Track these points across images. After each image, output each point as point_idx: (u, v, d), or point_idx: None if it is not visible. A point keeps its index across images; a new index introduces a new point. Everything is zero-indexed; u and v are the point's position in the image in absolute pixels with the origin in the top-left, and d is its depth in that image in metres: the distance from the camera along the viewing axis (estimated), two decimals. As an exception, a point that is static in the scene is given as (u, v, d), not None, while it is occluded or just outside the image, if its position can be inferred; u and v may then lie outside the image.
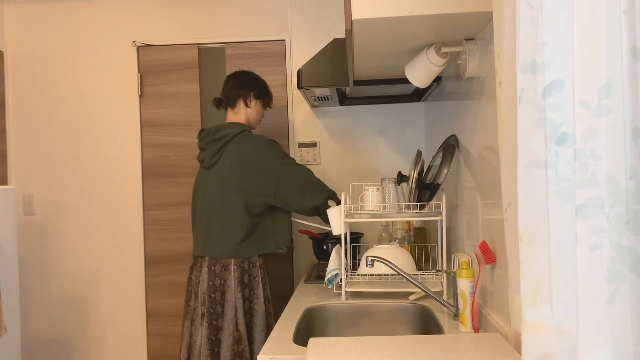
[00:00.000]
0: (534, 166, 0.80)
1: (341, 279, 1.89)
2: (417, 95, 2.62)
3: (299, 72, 2.16)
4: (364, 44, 1.63)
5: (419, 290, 1.74)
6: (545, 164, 0.79)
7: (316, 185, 2.18)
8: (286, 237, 2.24)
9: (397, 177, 2.13)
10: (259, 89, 2.31)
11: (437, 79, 2.18)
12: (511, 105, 0.90)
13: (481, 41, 1.54)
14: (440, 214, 1.89)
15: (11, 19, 2.99)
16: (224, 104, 2.32)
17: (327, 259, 2.35)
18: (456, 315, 1.61)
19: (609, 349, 0.76)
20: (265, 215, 2.21)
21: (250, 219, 2.15)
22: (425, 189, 1.92)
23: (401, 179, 2.13)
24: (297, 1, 2.86)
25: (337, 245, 2.00)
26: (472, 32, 1.55)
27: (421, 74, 1.69)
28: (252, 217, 2.16)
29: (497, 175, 1.42)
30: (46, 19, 2.98)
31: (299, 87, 2.18)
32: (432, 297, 1.66)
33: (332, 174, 2.88)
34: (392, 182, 2.08)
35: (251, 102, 2.29)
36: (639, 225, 0.75)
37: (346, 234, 2.03)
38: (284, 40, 2.90)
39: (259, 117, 2.35)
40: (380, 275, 1.97)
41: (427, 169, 2.06)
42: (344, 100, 2.71)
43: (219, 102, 2.34)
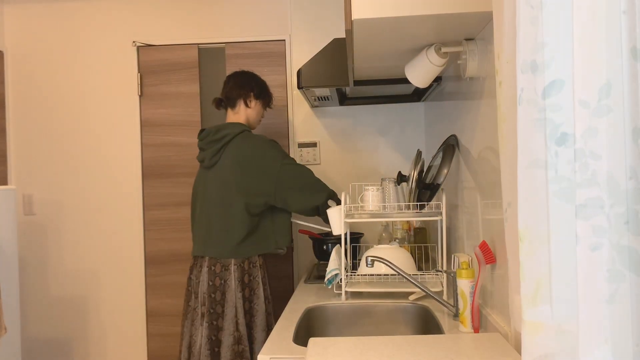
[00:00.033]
0: (534, 166, 0.80)
1: (341, 279, 1.89)
2: (417, 95, 2.62)
3: (299, 72, 2.16)
4: (364, 44, 1.63)
5: (419, 290, 1.74)
6: (545, 164, 0.79)
7: (316, 185, 2.18)
8: (286, 237, 2.24)
9: (397, 177, 2.13)
10: (259, 89, 2.31)
11: (437, 79, 2.18)
12: (511, 105, 0.90)
13: (481, 41, 1.54)
14: (440, 214, 1.89)
15: (11, 19, 2.99)
16: (224, 104, 2.33)
17: (327, 259, 2.35)
18: (456, 315, 1.61)
19: (609, 349, 0.76)
20: (265, 215, 2.21)
21: (250, 219, 2.15)
22: (425, 189, 1.92)
23: (401, 179, 2.13)
24: (297, 1, 2.86)
25: (337, 245, 2.00)
26: (472, 32, 1.55)
27: (421, 74, 1.69)
28: (252, 217, 2.16)
29: (497, 175, 1.42)
30: (46, 19, 2.98)
31: (299, 87, 2.18)
32: (432, 297, 1.66)
33: (332, 174, 2.88)
34: (392, 182, 2.08)
35: (251, 102, 2.29)
36: (639, 225, 0.75)
37: (346, 234, 2.03)
38: (284, 40, 2.90)
39: (259, 117, 2.35)
40: (380, 275, 1.97)
41: (427, 169, 2.06)
42: (344, 100, 2.71)
43: (219, 102, 2.34)
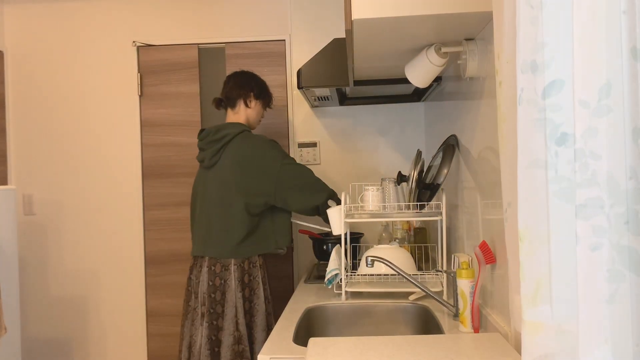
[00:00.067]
0: (534, 166, 0.80)
1: (341, 279, 1.89)
2: (417, 95, 2.62)
3: (299, 72, 2.16)
4: (364, 44, 1.63)
5: (419, 290, 1.74)
6: (545, 164, 0.79)
7: (316, 185, 2.18)
8: (286, 237, 2.24)
9: (397, 177, 2.13)
10: (259, 89, 2.31)
11: (437, 79, 2.18)
12: (511, 105, 0.90)
13: (481, 41, 1.54)
14: (440, 214, 1.89)
15: (11, 19, 2.99)
16: (224, 104, 2.33)
17: (327, 259, 2.35)
18: (456, 315, 1.61)
19: (609, 349, 0.76)
20: (265, 215, 2.21)
21: (250, 219, 2.15)
22: (425, 189, 1.92)
23: (401, 179, 2.13)
24: (297, 1, 2.86)
25: (337, 245, 2.00)
26: (472, 32, 1.55)
27: (421, 74, 1.69)
28: (252, 217, 2.16)
29: (497, 175, 1.42)
30: (46, 19, 2.98)
31: (299, 87, 2.18)
32: (432, 297, 1.66)
33: (332, 174, 2.88)
34: (392, 182, 2.08)
35: (251, 103, 2.29)
36: (639, 225, 0.75)
37: (346, 234, 2.03)
38: (284, 40, 2.90)
39: (258, 118, 2.35)
40: (380, 275, 1.97)
41: (427, 169, 2.06)
42: (344, 100, 2.71)
43: (219, 102, 2.34)
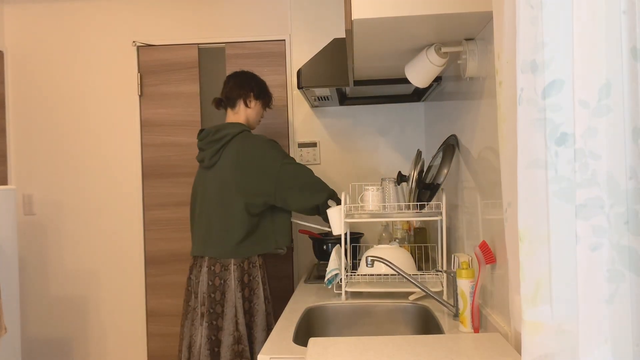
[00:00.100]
0: (534, 166, 0.80)
1: (341, 279, 1.89)
2: (417, 95, 2.62)
3: (299, 72, 2.16)
4: (364, 44, 1.63)
5: (419, 290, 1.74)
6: (545, 164, 0.79)
7: (316, 184, 2.18)
8: (286, 237, 2.24)
9: (397, 177, 2.13)
10: (258, 89, 2.31)
11: (437, 79, 2.18)
12: (511, 105, 0.90)
13: (481, 41, 1.54)
14: (440, 214, 1.89)
15: (11, 19, 2.99)
16: (224, 104, 2.33)
17: (327, 259, 2.35)
18: (456, 315, 1.61)
19: (609, 349, 0.76)
20: (265, 215, 2.21)
21: (250, 219, 2.15)
22: (425, 189, 1.92)
23: (401, 179, 2.13)
24: (297, 1, 2.86)
25: (337, 245, 2.00)
26: (472, 32, 1.55)
27: (421, 74, 1.69)
28: (252, 217, 2.16)
29: (497, 175, 1.41)
30: (46, 19, 2.98)
31: (299, 87, 2.18)
32: (432, 297, 1.66)
33: (332, 174, 2.88)
34: (392, 182, 2.08)
35: (251, 103, 2.29)
36: (639, 225, 0.75)
37: (346, 234, 2.03)
38: (284, 40, 2.90)
39: (258, 118, 2.35)
40: (380, 275, 1.97)
41: (427, 169, 2.06)
42: (344, 100, 2.71)
43: (218, 102, 2.34)
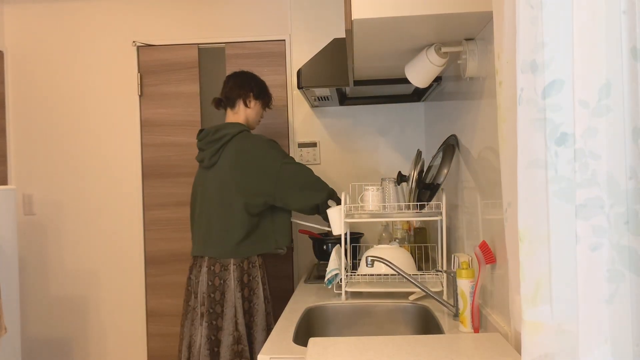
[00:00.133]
0: (534, 166, 0.80)
1: (341, 279, 1.89)
2: (417, 95, 2.62)
3: (299, 72, 2.16)
4: (364, 44, 1.63)
5: (419, 290, 1.74)
6: (545, 164, 0.79)
7: (316, 184, 2.18)
8: (286, 237, 2.24)
9: (397, 177, 2.13)
10: (258, 89, 2.31)
11: (437, 79, 2.18)
12: (511, 105, 0.90)
13: (481, 41, 1.54)
14: (440, 214, 1.89)
15: (11, 19, 2.99)
16: (224, 104, 2.33)
17: (327, 259, 2.35)
18: (456, 315, 1.61)
19: (609, 349, 0.76)
20: (265, 215, 2.21)
21: (250, 219, 2.15)
22: (425, 189, 1.92)
23: (401, 179, 2.13)
24: (297, 1, 2.86)
25: (337, 245, 2.00)
26: (472, 32, 1.55)
27: (421, 74, 1.69)
28: (252, 217, 2.16)
29: (497, 175, 1.41)
30: (46, 19, 2.98)
31: (299, 87, 2.18)
32: (432, 297, 1.66)
33: (332, 174, 2.88)
34: (392, 182, 2.08)
35: (250, 103, 2.29)
36: (639, 225, 0.75)
37: (346, 234, 2.03)
38: (284, 40, 2.90)
39: (258, 118, 2.35)
40: (380, 275, 1.97)
41: (427, 169, 2.06)
42: (344, 100, 2.71)
43: (218, 102, 2.34)
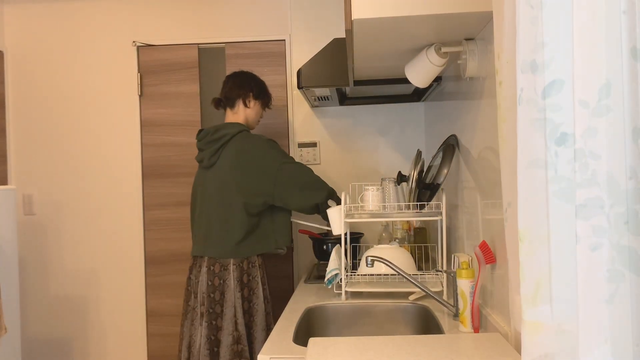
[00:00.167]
0: (534, 166, 0.80)
1: (341, 279, 1.89)
2: (417, 95, 2.62)
3: (299, 72, 2.16)
4: (364, 44, 1.63)
5: (419, 290, 1.74)
6: (545, 164, 0.79)
7: (316, 183, 2.18)
8: (286, 237, 2.24)
9: (397, 177, 2.13)
10: (258, 89, 2.31)
11: (437, 79, 2.18)
12: (511, 105, 0.90)
13: (481, 41, 1.54)
14: (440, 214, 1.89)
15: (11, 19, 2.99)
16: (223, 104, 2.33)
17: (327, 259, 2.35)
18: (456, 315, 1.61)
19: (609, 349, 0.76)
20: (265, 215, 2.21)
21: (249, 219, 2.15)
22: (425, 189, 1.92)
23: (401, 179, 2.13)
24: (297, 1, 2.86)
25: (337, 245, 2.00)
26: (472, 32, 1.55)
27: (421, 74, 1.69)
28: (252, 217, 2.16)
29: (497, 175, 1.41)
30: (46, 19, 2.98)
31: (299, 87, 2.18)
32: (432, 297, 1.66)
33: (332, 174, 2.88)
34: (392, 182, 2.08)
35: (250, 103, 2.29)
36: (639, 225, 0.75)
37: (346, 234, 2.03)
38: (284, 40, 2.90)
39: (257, 118, 2.35)
40: (380, 275, 1.97)
41: (427, 169, 2.06)
42: (344, 100, 2.71)
43: (218, 102, 2.34)
